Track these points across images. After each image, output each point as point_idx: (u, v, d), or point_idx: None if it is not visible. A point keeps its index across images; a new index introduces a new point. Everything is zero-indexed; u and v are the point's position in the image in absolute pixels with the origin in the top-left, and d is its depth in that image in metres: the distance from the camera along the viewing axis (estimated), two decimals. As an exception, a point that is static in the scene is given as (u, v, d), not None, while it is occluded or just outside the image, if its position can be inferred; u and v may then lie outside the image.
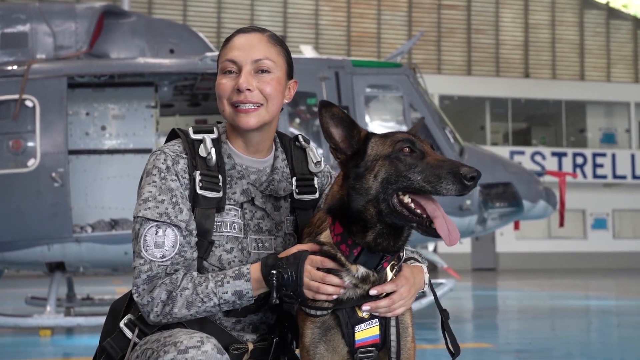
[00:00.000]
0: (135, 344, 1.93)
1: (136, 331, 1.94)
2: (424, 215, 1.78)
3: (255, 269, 1.87)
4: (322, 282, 1.83)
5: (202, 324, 1.94)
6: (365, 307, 1.86)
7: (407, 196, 1.78)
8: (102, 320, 1.95)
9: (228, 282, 1.86)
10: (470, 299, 12.40)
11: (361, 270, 1.86)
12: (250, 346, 1.98)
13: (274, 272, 1.83)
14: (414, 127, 2.06)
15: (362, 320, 1.88)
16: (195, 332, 1.82)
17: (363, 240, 1.83)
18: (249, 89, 1.94)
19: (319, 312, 1.87)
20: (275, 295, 1.83)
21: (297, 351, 2.11)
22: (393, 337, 1.91)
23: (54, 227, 6.57)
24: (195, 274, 1.90)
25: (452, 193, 1.72)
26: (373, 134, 1.88)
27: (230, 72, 1.97)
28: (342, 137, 1.87)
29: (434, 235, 1.77)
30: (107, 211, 7.45)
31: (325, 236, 1.89)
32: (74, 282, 8.86)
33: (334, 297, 1.84)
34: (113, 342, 1.97)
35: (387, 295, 1.88)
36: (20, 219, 6.54)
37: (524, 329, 7.83)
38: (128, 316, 1.98)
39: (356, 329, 1.88)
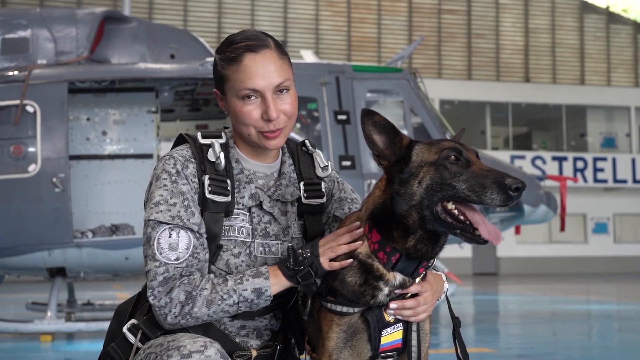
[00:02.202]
0: (138, 349, 1.93)
1: (139, 335, 1.94)
2: (467, 222, 1.80)
3: (273, 268, 1.90)
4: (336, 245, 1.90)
5: (206, 329, 1.94)
6: (393, 304, 1.88)
7: (450, 203, 1.80)
8: (102, 325, 1.96)
9: (247, 280, 1.87)
10: (471, 304, 12.39)
11: (398, 277, 1.89)
12: (254, 353, 1.99)
13: (290, 252, 1.89)
14: (457, 136, 2.06)
15: (389, 324, 1.90)
16: (199, 337, 1.82)
17: (403, 247, 1.85)
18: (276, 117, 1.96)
19: (344, 309, 1.88)
20: (292, 262, 1.87)
21: (302, 357, 2.11)
22: (414, 342, 1.93)
23: (55, 233, 6.56)
24: (212, 275, 1.91)
25: (497, 203, 1.74)
26: (417, 141, 1.90)
27: (249, 97, 1.95)
28: (385, 144, 1.89)
29: (478, 241, 1.80)
30: (107, 216, 7.45)
31: (362, 246, 1.91)
32: (75, 287, 8.86)
33: (350, 260, 1.89)
34: (117, 346, 1.97)
35: (412, 296, 1.91)
36: (21, 224, 6.54)
37: (525, 333, 7.82)
38: (132, 321, 1.98)
39: (382, 333, 1.90)
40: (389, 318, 1.90)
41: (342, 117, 7.41)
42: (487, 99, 28.03)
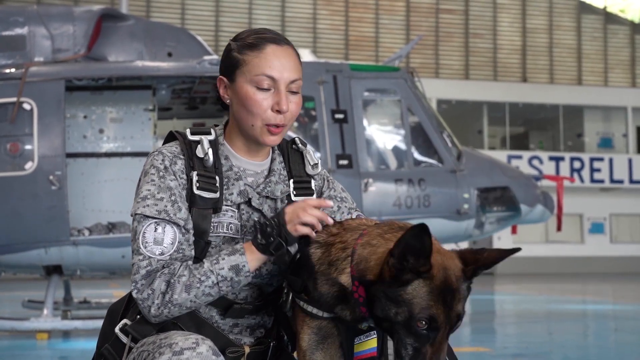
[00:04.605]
0: (130, 348, 1.93)
1: (130, 335, 1.94)
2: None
3: (247, 244, 1.90)
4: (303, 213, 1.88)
5: (199, 326, 1.94)
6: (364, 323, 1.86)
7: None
8: (99, 323, 1.96)
9: (223, 259, 1.87)
10: (467, 303, 12.40)
11: None
12: (247, 349, 1.98)
13: (256, 226, 1.89)
14: (493, 257, 1.80)
15: (361, 332, 1.86)
16: (190, 334, 1.82)
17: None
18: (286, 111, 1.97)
19: (314, 310, 1.85)
20: (259, 237, 1.86)
21: (295, 354, 2.11)
22: (390, 350, 1.88)
23: (51, 230, 6.56)
24: (190, 262, 1.91)
25: None
26: (430, 275, 1.71)
27: (264, 86, 1.95)
28: (408, 255, 1.70)
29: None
30: (104, 214, 7.44)
31: (346, 280, 1.81)
32: (71, 285, 8.85)
33: (318, 229, 1.87)
34: (111, 347, 1.98)
35: None
36: (17, 222, 6.53)
37: (521, 333, 7.83)
38: (123, 321, 1.98)
39: (355, 340, 1.86)
40: (361, 326, 1.85)
41: (340, 116, 7.41)
42: (485, 98, 28.02)
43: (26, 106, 6.64)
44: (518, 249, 1.77)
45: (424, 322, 1.68)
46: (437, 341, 1.70)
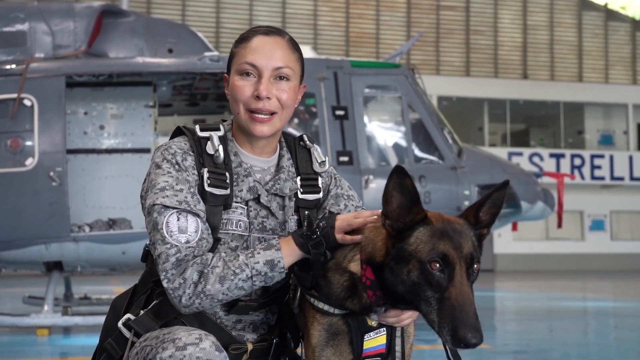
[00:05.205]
0: (133, 343, 1.93)
1: (133, 330, 1.94)
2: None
3: (285, 239, 1.90)
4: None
5: (202, 322, 1.94)
6: (374, 315, 1.86)
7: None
8: (99, 319, 1.97)
9: (259, 253, 1.86)
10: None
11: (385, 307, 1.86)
12: (250, 346, 1.98)
13: (305, 218, 1.92)
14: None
15: (371, 329, 1.87)
16: (194, 330, 1.81)
17: (391, 298, 1.80)
18: (267, 97, 1.95)
19: (325, 307, 1.86)
20: (305, 228, 1.88)
21: (298, 350, 2.11)
22: (398, 347, 1.90)
23: (52, 227, 6.56)
24: (224, 253, 1.89)
25: (446, 343, 1.67)
26: (428, 221, 1.75)
27: (248, 74, 1.97)
28: (399, 207, 1.76)
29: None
30: (105, 211, 7.44)
31: (356, 267, 1.85)
32: (72, 281, 8.85)
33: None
34: (113, 342, 1.97)
35: None
36: (18, 218, 6.53)
37: (522, 330, 7.83)
38: (127, 315, 1.97)
39: (365, 337, 1.87)
40: (372, 322, 1.87)
41: (340, 112, 7.40)
42: (485, 95, 28.02)
43: (27, 102, 6.64)
44: (507, 182, 1.80)
45: (437, 264, 1.68)
46: (456, 281, 1.67)
